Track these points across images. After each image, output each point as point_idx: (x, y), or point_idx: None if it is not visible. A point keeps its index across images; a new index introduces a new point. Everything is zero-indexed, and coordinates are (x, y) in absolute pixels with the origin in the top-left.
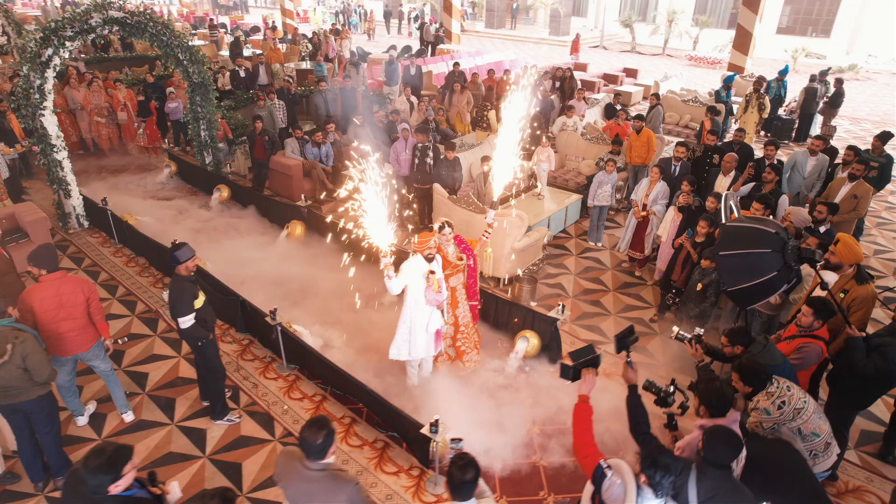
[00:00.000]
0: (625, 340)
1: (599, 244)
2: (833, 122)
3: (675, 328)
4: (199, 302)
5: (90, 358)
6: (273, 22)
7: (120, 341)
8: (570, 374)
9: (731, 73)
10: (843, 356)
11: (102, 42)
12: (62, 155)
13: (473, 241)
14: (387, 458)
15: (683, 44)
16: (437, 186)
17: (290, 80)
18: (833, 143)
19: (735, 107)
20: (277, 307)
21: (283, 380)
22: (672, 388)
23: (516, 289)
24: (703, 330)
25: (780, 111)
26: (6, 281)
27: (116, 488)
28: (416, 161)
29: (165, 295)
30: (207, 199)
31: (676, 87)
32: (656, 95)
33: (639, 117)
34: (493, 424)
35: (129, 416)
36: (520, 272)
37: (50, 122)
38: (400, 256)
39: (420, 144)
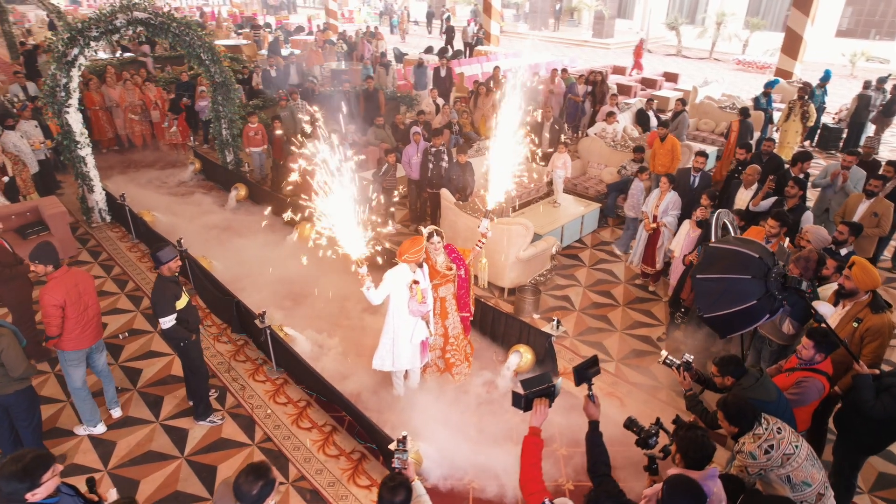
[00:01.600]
0: (585, 372)
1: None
2: (887, 132)
3: (664, 352)
4: (182, 303)
5: (99, 349)
6: (325, 24)
7: (121, 336)
8: (522, 403)
9: (773, 79)
10: (851, 395)
11: (146, 41)
12: (85, 151)
13: (466, 251)
14: (361, 471)
15: (732, 47)
16: (444, 192)
17: (314, 81)
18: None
19: (777, 114)
20: (273, 308)
21: (270, 383)
22: (655, 429)
23: (519, 300)
24: (692, 357)
25: (826, 119)
26: (6, 273)
27: (34, 496)
28: (431, 165)
29: None
30: (226, 197)
31: (716, 93)
32: (682, 101)
33: (663, 124)
34: (475, 441)
35: (116, 413)
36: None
37: (74, 119)
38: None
39: (434, 148)
